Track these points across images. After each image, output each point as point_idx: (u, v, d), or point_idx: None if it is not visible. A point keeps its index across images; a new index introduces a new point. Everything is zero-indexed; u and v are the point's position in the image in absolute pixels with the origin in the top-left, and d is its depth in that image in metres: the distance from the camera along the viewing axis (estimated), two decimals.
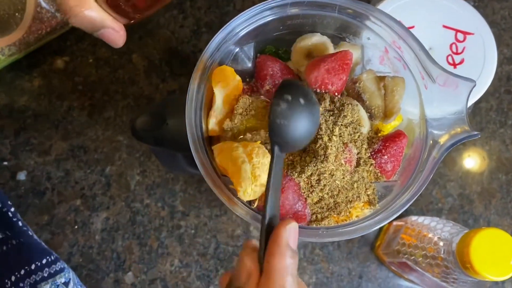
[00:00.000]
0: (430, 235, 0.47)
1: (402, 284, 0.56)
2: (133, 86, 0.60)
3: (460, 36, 0.47)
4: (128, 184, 0.57)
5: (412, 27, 0.47)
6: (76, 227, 0.56)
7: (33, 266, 0.43)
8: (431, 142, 0.35)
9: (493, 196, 0.59)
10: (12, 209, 0.50)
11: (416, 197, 0.34)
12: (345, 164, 0.35)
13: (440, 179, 0.59)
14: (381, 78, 0.37)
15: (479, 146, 0.60)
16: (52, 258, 0.44)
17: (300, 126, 0.32)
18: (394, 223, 0.54)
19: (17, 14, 0.55)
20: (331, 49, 0.39)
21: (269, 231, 0.30)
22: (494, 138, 0.60)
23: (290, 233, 0.30)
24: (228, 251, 0.56)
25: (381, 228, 0.56)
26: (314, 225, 0.36)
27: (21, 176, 0.57)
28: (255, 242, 0.32)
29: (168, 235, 0.56)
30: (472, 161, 0.60)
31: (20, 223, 0.50)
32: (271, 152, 0.32)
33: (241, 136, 0.36)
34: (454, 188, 0.58)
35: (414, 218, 0.52)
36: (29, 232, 0.50)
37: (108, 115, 0.59)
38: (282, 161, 0.33)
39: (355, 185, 0.35)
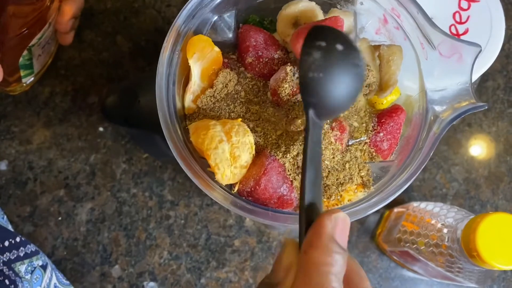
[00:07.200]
0: (433, 222, 0.44)
1: (405, 274, 0.53)
2: (118, 69, 0.57)
3: (464, 4, 0.44)
4: (114, 173, 0.55)
5: None
6: (60, 218, 0.53)
7: (6, 243, 0.40)
8: (431, 117, 0.32)
9: (501, 180, 0.56)
10: None
11: (415, 177, 0.31)
12: (336, 142, 0.32)
13: (445, 163, 0.55)
14: (375, 47, 0.34)
15: (486, 127, 0.57)
16: (23, 239, 0.41)
17: (340, 80, 0.26)
18: (396, 209, 0.51)
19: None
20: (321, 16, 0.35)
21: (310, 222, 0.24)
22: (502, 118, 0.57)
23: (336, 224, 0.23)
24: (220, 242, 0.53)
25: (381, 216, 0.54)
26: None
27: (2, 166, 0.55)
28: (296, 240, 0.26)
29: (157, 226, 0.53)
30: (478, 143, 0.57)
31: None
32: (306, 118, 0.26)
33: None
34: (459, 172, 0.55)
35: (416, 204, 0.48)
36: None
37: (92, 101, 0.56)
38: (320, 131, 0.26)
39: (347, 166, 0.32)
